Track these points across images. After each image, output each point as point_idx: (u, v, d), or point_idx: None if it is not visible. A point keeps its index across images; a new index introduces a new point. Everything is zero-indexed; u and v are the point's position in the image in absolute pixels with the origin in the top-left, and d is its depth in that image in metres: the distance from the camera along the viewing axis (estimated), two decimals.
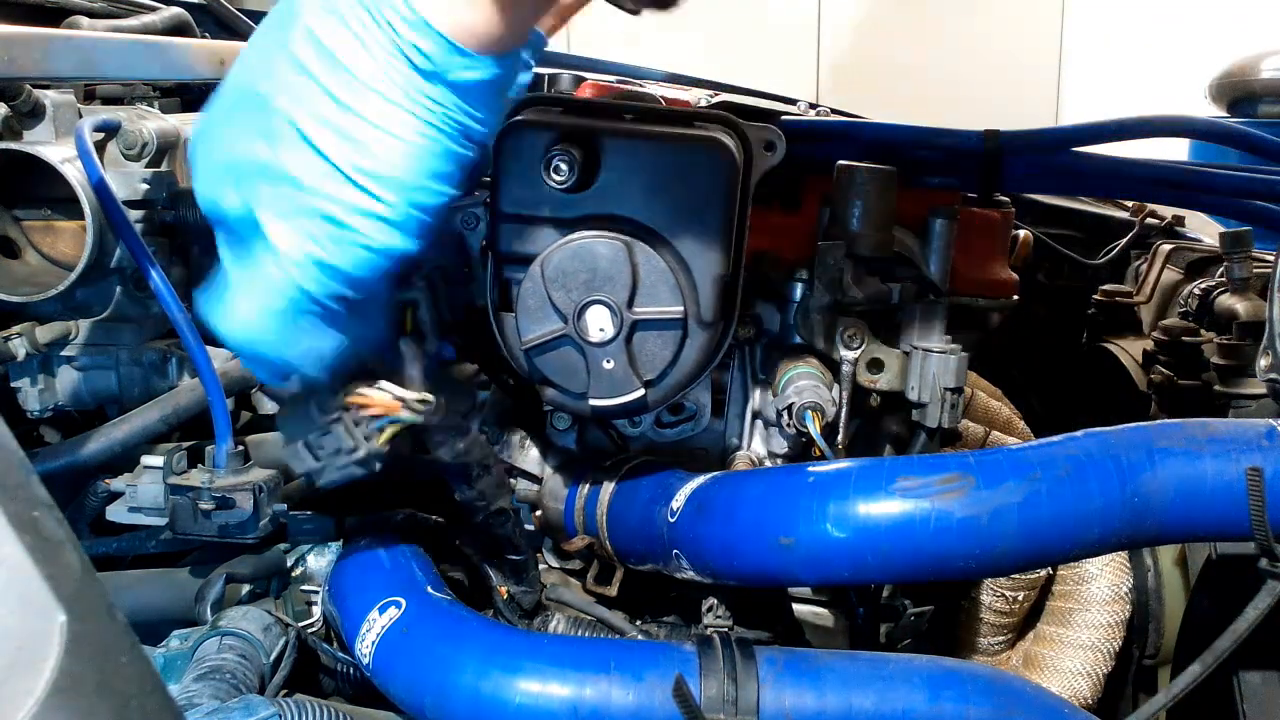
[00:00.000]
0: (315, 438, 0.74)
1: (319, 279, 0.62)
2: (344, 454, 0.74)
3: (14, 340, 0.98)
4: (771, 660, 0.75)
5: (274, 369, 0.68)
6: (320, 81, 0.59)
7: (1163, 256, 1.64)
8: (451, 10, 0.58)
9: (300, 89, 0.59)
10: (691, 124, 0.83)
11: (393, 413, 0.74)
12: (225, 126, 0.63)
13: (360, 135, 0.59)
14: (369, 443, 0.74)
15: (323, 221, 0.61)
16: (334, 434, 0.74)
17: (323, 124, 0.59)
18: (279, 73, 0.60)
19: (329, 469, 0.74)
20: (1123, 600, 1.17)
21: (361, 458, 0.74)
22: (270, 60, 0.60)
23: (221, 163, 0.62)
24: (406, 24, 0.58)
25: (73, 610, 0.40)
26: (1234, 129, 1.16)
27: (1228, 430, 0.76)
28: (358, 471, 0.75)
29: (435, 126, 0.60)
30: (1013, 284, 1.05)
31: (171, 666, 0.77)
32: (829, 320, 0.94)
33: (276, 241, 0.61)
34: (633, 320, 0.80)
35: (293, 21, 0.60)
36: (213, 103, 0.64)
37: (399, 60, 0.58)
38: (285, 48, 0.59)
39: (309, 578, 0.92)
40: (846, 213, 0.93)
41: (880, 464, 0.77)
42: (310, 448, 0.74)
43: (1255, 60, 4.16)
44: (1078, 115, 1.26)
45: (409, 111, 0.59)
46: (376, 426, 0.75)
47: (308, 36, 0.59)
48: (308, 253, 0.61)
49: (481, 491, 0.83)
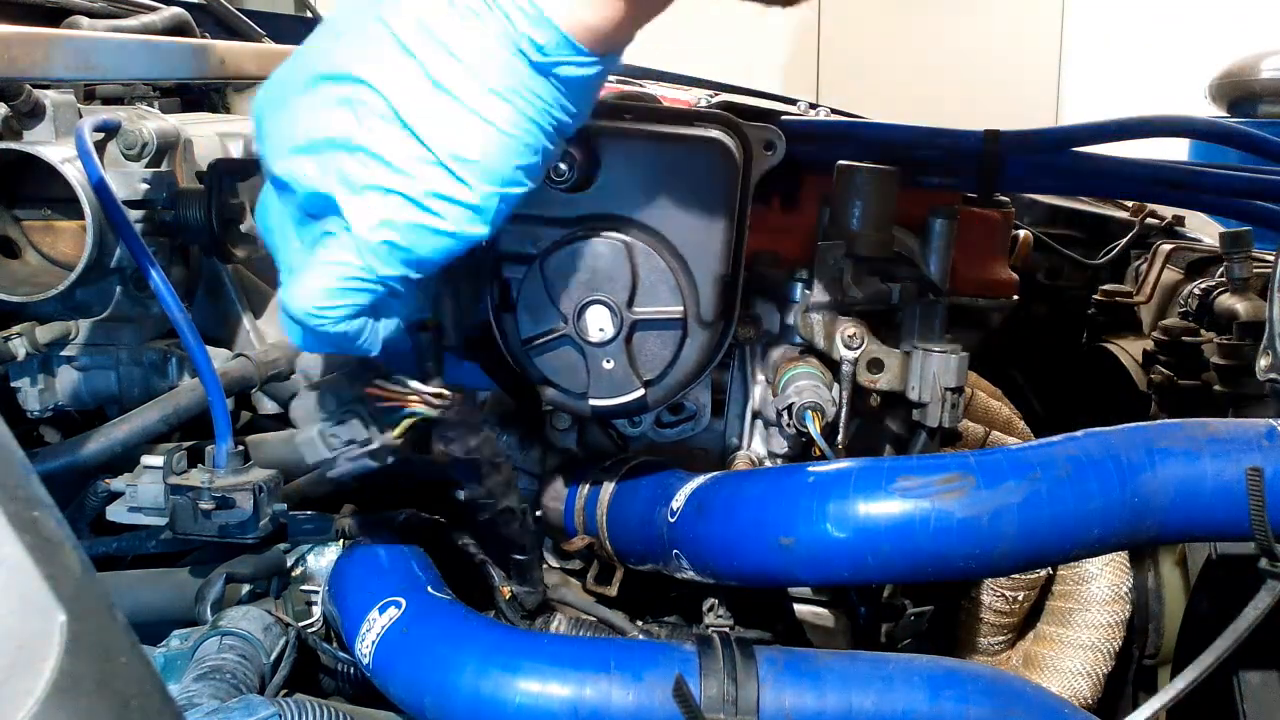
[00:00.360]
0: (329, 427, 0.74)
1: (392, 259, 0.62)
2: (358, 445, 0.74)
3: (14, 340, 0.98)
4: (771, 660, 0.75)
5: (334, 347, 0.67)
6: (422, 62, 0.58)
7: (1163, 256, 1.64)
8: (572, 7, 0.57)
9: (399, 68, 0.58)
10: (691, 124, 0.83)
11: (410, 406, 0.74)
12: (305, 101, 0.61)
13: (457, 120, 0.59)
14: (384, 435, 0.74)
15: (404, 202, 0.60)
16: (349, 424, 0.74)
17: (420, 105, 0.58)
18: (375, 51, 0.59)
19: (341, 459, 0.74)
20: (1123, 600, 1.17)
21: (375, 449, 0.74)
22: (362, 38, 0.59)
23: (301, 136, 0.61)
24: (524, 15, 0.57)
25: (73, 610, 0.39)
26: (1234, 129, 1.16)
27: (1228, 430, 0.76)
28: (370, 464, 0.75)
29: (533, 119, 0.60)
30: (1013, 284, 1.05)
31: (171, 666, 0.77)
32: (829, 320, 0.94)
33: (353, 219, 0.61)
34: (632, 320, 0.80)
35: (390, 1, 0.59)
36: (284, 77, 0.63)
37: (509, 50, 0.58)
38: (383, 25, 0.58)
39: (309, 578, 0.92)
40: (846, 213, 0.93)
41: (880, 464, 0.77)
42: (324, 437, 0.74)
43: (1255, 60, 4.17)
44: (1078, 115, 1.26)
45: (509, 102, 0.59)
46: (392, 419, 0.75)
47: (412, 16, 0.58)
48: (384, 234, 0.61)
49: (490, 489, 0.83)
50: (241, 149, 1.21)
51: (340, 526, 0.93)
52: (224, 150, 1.19)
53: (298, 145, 0.61)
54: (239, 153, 1.21)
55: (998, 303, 1.03)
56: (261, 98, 0.65)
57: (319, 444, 0.74)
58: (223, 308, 1.14)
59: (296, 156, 0.62)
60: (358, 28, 0.60)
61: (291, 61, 0.63)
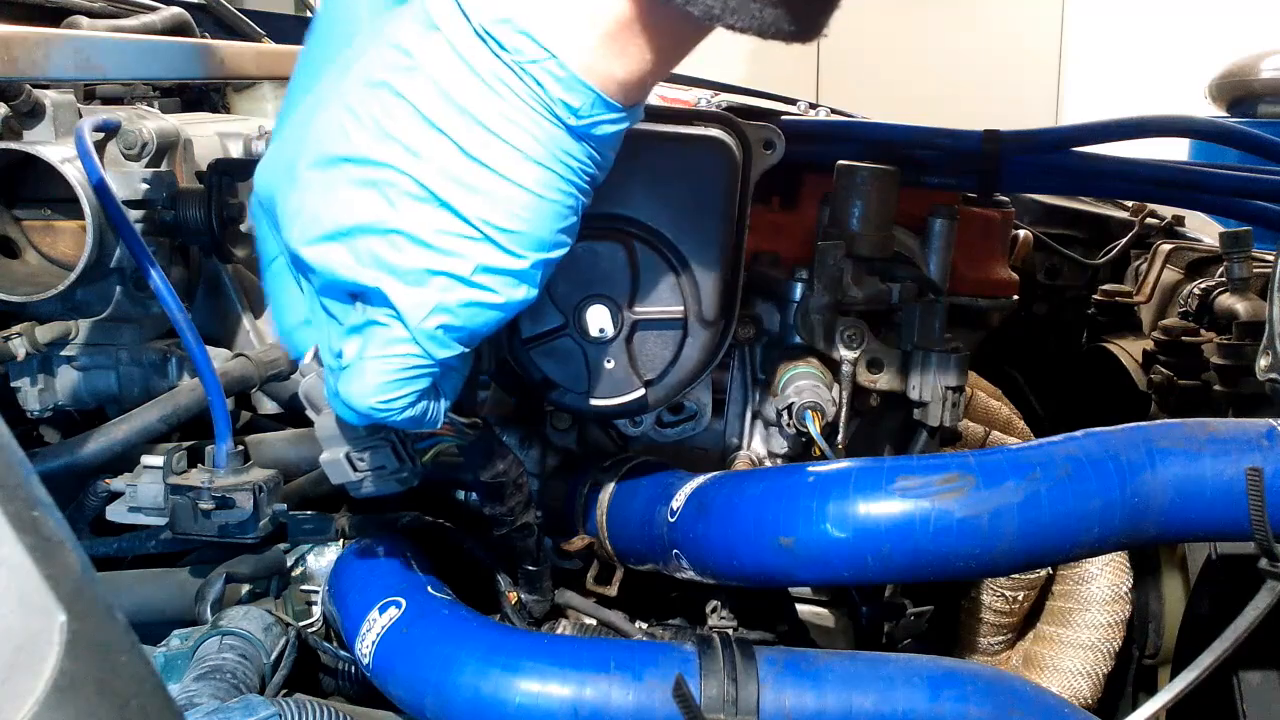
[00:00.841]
0: (358, 450, 0.72)
1: (448, 341, 0.60)
2: (387, 471, 0.73)
3: (14, 340, 0.99)
4: (771, 660, 0.75)
5: (391, 425, 0.65)
6: (453, 136, 0.55)
7: (1163, 256, 1.64)
8: (600, 64, 0.55)
9: (423, 142, 0.56)
10: (691, 123, 0.83)
11: (442, 434, 0.74)
12: (323, 183, 0.58)
13: (497, 192, 0.56)
14: (412, 463, 0.74)
15: (453, 282, 0.58)
16: (380, 450, 0.73)
17: (452, 179, 0.56)
18: (398, 127, 0.56)
19: (367, 482, 0.73)
20: (1123, 600, 1.17)
21: (405, 476, 0.73)
22: (378, 113, 0.56)
23: (328, 224, 0.58)
24: (556, 80, 0.55)
25: (73, 610, 0.39)
26: (1234, 129, 1.16)
27: (1228, 430, 0.76)
28: (397, 488, 0.74)
29: (569, 180, 0.58)
30: (1013, 284, 1.05)
31: (171, 666, 0.77)
32: (829, 320, 0.94)
33: (405, 309, 0.58)
34: (633, 319, 0.80)
35: (397, 73, 0.56)
36: (290, 155, 0.60)
37: (541, 114, 0.56)
38: (401, 100, 0.55)
39: (309, 578, 0.92)
40: (846, 213, 0.93)
41: (880, 464, 0.77)
42: (351, 461, 0.73)
43: (1255, 60, 4.17)
44: (1078, 115, 1.26)
45: (547, 167, 0.57)
46: (421, 445, 0.75)
47: (432, 89, 0.55)
48: (440, 319, 0.59)
49: (511, 508, 0.83)
50: (241, 149, 1.21)
51: (340, 526, 0.93)
52: (224, 150, 1.19)
53: (325, 233, 0.58)
54: (239, 153, 1.21)
55: (998, 303, 1.04)
56: (267, 176, 0.62)
57: (346, 467, 0.73)
58: (223, 308, 1.14)
59: (325, 244, 0.59)
60: (369, 101, 0.56)
61: (296, 136, 0.60)
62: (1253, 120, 4.00)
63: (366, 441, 0.72)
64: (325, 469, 0.73)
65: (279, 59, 1.24)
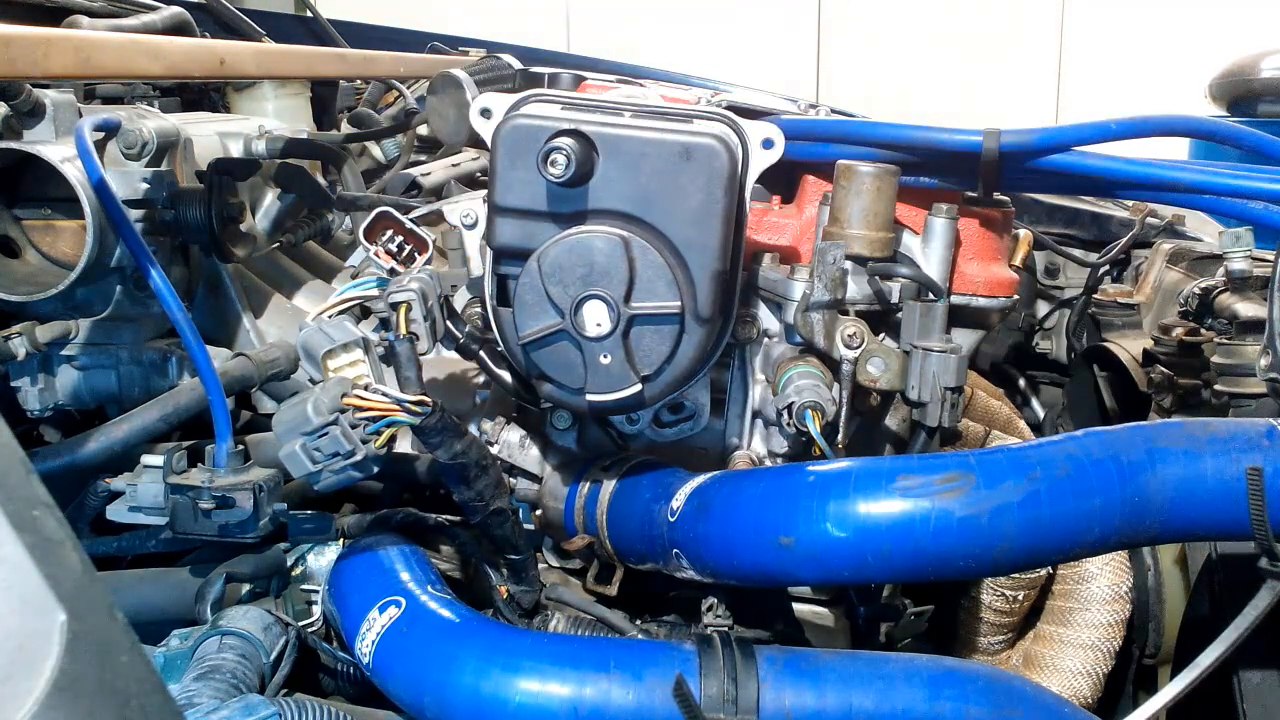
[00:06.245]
0: (312, 440, 0.74)
1: None
2: (341, 457, 0.74)
3: (14, 340, 0.98)
4: (771, 660, 0.75)
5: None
6: None
7: (1163, 256, 1.64)
8: None
9: None
10: (690, 122, 0.83)
11: (390, 415, 0.74)
12: None
13: None
14: (366, 445, 0.74)
15: None
16: (331, 436, 0.74)
17: None
18: None
19: (326, 472, 0.74)
20: (1123, 600, 1.17)
21: (359, 460, 0.74)
22: None
23: None
24: None
25: (73, 610, 0.39)
26: (1234, 129, 1.16)
27: (1228, 430, 0.76)
28: (355, 475, 0.75)
29: None
30: (1013, 284, 1.05)
31: (171, 666, 0.77)
32: (829, 320, 0.94)
33: None
34: (630, 315, 0.80)
35: None
36: None
37: None
38: None
39: (309, 577, 0.92)
40: (846, 212, 0.93)
41: (880, 464, 0.77)
42: (307, 451, 0.74)
43: (1255, 60, 4.17)
44: (1078, 115, 1.26)
45: None
46: (374, 429, 0.75)
47: None
48: None
49: (479, 492, 0.83)
50: (241, 149, 1.21)
51: (340, 526, 0.93)
52: (224, 150, 1.19)
53: None
54: (239, 152, 1.21)
55: (998, 302, 1.03)
56: None
57: (302, 458, 0.74)
58: (223, 308, 1.14)
59: None
60: None
61: None
62: (1253, 120, 3.99)
63: (318, 427, 0.73)
64: (285, 462, 0.75)
65: (279, 59, 1.24)
